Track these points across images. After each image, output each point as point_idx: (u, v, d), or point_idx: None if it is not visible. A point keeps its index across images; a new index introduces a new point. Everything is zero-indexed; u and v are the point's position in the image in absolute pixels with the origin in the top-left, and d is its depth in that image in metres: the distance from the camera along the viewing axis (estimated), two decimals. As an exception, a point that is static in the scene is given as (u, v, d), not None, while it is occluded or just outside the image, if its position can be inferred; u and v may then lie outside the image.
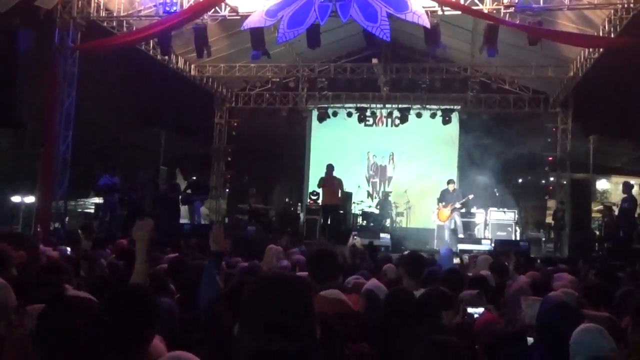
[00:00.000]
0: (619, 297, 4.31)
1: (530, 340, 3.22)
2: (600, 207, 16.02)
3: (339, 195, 14.51)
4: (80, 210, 17.19)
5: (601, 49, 13.24)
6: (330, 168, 14.42)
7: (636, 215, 12.67)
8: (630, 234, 12.14)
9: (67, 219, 13.19)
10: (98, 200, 17.19)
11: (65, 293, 3.04)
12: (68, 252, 6.67)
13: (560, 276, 6.00)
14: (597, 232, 14.45)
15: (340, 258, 5.19)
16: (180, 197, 14.37)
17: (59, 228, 11.83)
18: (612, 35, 12.00)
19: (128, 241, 8.84)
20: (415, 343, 2.73)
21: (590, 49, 13.90)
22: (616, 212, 13.55)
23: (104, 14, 13.62)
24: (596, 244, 13.88)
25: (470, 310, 3.99)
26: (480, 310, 4.01)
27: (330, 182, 14.32)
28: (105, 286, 3.76)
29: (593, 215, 15.00)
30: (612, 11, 11.90)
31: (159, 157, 18.81)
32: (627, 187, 12.86)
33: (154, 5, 13.00)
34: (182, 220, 14.66)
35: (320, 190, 14.73)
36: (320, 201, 14.78)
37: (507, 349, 2.89)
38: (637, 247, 11.37)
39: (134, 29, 13.92)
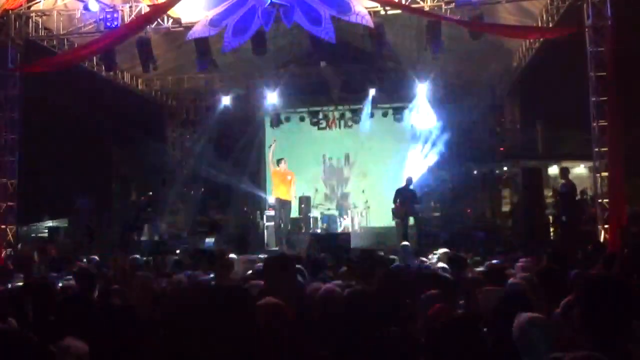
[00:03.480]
0: (571, 280, 4.43)
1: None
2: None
3: (292, 191, 14.40)
4: (33, 235, 16.70)
5: (541, 39, 13.61)
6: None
7: (578, 198, 13.03)
8: (572, 217, 12.43)
9: (19, 245, 12.80)
10: (51, 223, 16.80)
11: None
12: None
13: (519, 263, 6.14)
14: (551, 217, 14.77)
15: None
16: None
17: (11, 254, 11.49)
18: (550, 25, 12.33)
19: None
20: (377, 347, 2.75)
21: (531, 39, 14.27)
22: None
23: (43, 33, 13.29)
24: (551, 229, 14.20)
25: None
26: None
27: (282, 175, 14.29)
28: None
29: (547, 201, 15.31)
30: (549, 1, 12.24)
31: (111, 175, 18.45)
32: (564, 172, 13.25)
33: (95, 21, 12.71)
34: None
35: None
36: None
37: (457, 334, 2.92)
38: (584, 229, 11.67)
39: (76, 46, 13.63)
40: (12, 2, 12.22)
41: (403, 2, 11.80)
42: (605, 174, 11.02)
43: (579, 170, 18.35)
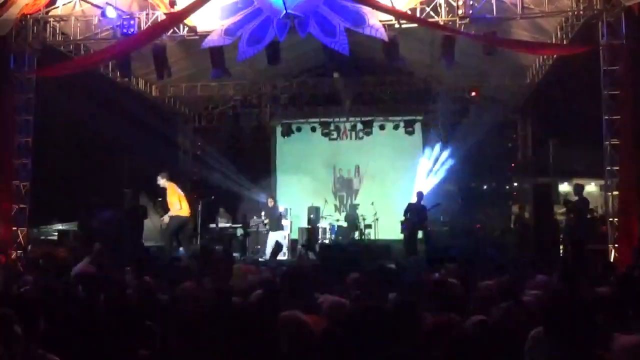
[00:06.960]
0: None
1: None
2: (564, 209, 16.29)
3: (178, 205, 13.44)
4: (42, 237, 16.77)
5: (555, 56, 13.60)
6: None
7: (589, 217, 12.90)
8: (582, 235, 12.31)
9: (29, 247, 12.85)
10: (61, 227, 16.87)
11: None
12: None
13: (532, 280, 6.11)
14: (561, 235, 14.66)
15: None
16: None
17: (21, 257, 11.54)
18: (565, 42, 12.32)
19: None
20: None
21: (545, 56, 14.26)
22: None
23: (60, 38, 13.39)
24: (561, 247, 14.09)
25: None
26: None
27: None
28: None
29: (557, 218, 15.23)
30: (563, 19, 12.23)
31: (123, 180, 18.53)
32: (578, 189, 13.16)
33: (112, 28, 12.83)
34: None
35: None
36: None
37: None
38: (594, 249, 11.56)
39: (92, 52, 13.75)
40: (31, 7, 12.33)
41: (418, 15, 11.82)
42: (616, 192, 10.95)
43: (590, 188, 18.24)
